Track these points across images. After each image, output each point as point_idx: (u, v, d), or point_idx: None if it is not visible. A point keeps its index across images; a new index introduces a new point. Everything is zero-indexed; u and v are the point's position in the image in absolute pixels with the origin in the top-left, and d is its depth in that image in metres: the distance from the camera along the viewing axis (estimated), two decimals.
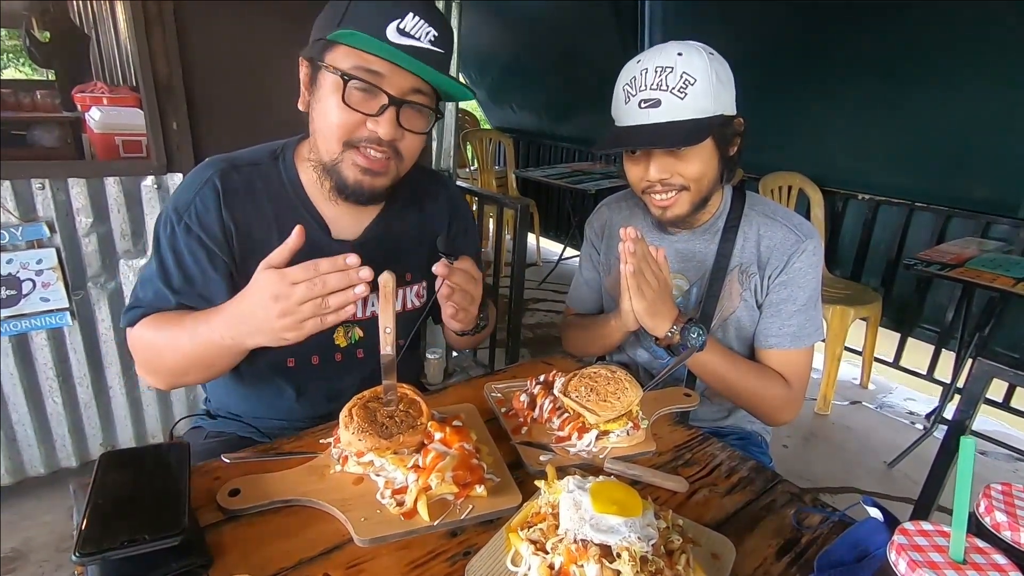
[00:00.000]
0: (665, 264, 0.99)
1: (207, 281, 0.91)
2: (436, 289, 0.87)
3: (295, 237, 0.74)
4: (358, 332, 1.04)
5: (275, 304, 0.72)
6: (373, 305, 1.03)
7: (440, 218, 1.11)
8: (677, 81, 0.96)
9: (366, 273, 0.72)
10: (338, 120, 0.84)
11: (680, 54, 0.96)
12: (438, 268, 0.83)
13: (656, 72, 0.97)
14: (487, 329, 1.07)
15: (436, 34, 0.84)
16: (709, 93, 0.96)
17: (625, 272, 0.95)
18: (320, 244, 0.94)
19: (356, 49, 0.82)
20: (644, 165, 1.04)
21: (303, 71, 0.90)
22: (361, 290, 0.72)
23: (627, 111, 1.01)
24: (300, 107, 0.92)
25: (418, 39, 0.82)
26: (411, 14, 0.81)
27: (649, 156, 1.03)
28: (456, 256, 0.87)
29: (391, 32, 0.81)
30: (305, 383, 1.03)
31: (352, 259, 0.72)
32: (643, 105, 0.98)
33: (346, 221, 0.99)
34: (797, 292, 1.08)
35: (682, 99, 0.96)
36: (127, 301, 0.95)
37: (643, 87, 0.98)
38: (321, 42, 0.85)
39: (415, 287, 1.08)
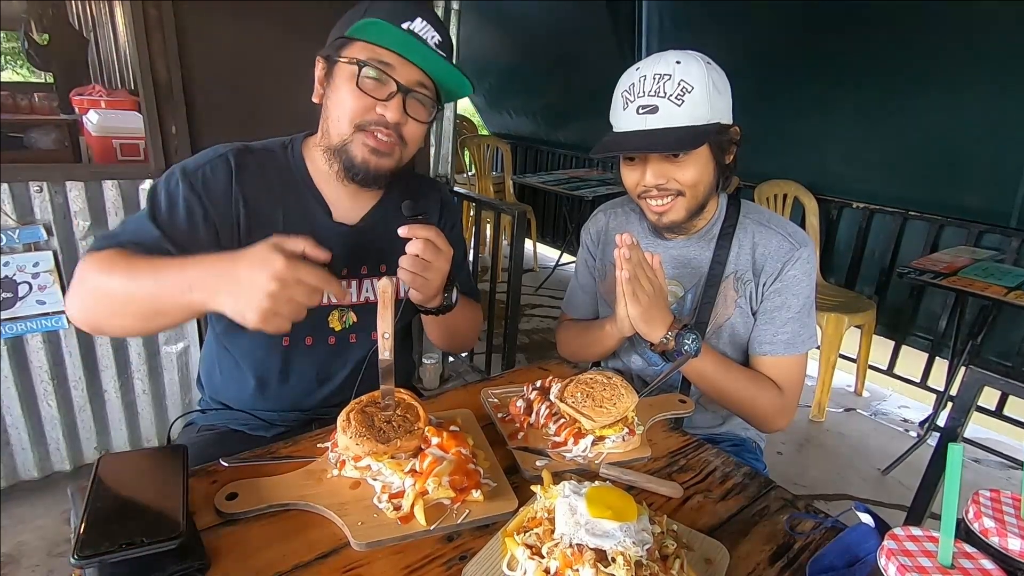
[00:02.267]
0: (660, 270, 1.00)
1: (192, 232, 0.91)
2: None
3: (323, 254, 0.75)
4: (352, 317, 1.06)
5: (270, 284, 0.69)
6: (367, 291, 1.07)
7: (432, 215, 1.16)
8: (675, 88, 0.97)
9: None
10: (351, 104, 0.92)
11: (678, 62, 0.98)
12: (402, 230, 0.87)
13: (654, 79, 0.98)
14: (459, 318, 1.08)
15: (440, 39, 0.93)
16: (706, 101, 0.98)
17: (620, 278, 0.96)
18: (322, 224, 1.01)
19: (371, 44, 0.90)
20: (641, 170, 1.05)
21: (319, 68, 0.97)
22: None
23: (625, 117, 1.03)
24: (315, 100, 0.99)
25: (425, 41, 0.90)
26: (419, 19, 0.91)
27: (646, 161, 1.04)
28: (423, 221, 0.91)
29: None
30: (297, 364, 1.05)
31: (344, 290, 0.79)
32: (641, 111, 1.00)
33: (347, 206, 1.04)
34: (791, 299, 1.09)
35: (679, 106, 0.97)
36: None
37: (641, 93, 1.00)
38: (339, 40, 0.93)
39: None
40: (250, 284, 0.70)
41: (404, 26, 0.88)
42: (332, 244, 1.00)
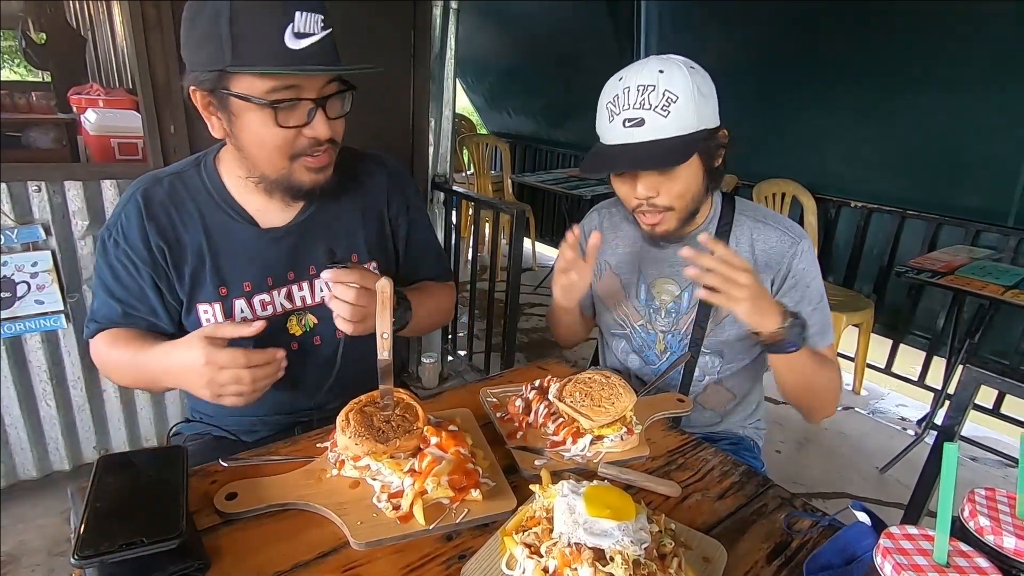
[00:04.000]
0: (737, 259, 0.91)
1: (141, 288, 0.97)
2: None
3: (248, 330, 0.84)
4: (311, 319, 1.04)
5: (202, 378, 0.81)
6: (322, 290, 1.02)
7: (379, 194, 1.11)
8: (660, 100, 0.96)
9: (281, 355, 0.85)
10: (278, 142, 0.87)
11: (661, 71, 0.96)
12: (325, 274, 0.87)
13: (638, 91, 0.97)
14: (422, 318, 1.05)
15: (321, 16, 0.83)
16: (692, 109, 0.97)
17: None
18: (249, 236, 0.99)
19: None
20: (632, 183, 1.05)
21: (200, 100, 0.87)
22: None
23: (611, 129, 1.02)
24: (216, 135, 0.92)
25: (313, 33, 0.82)
26: (297, 12, 0.80)
27: (636, 174, 1.04)
28: (345, 264, 0.89)
29: (290, 40, 0.80)
30: None
31: (280, 354, 0.85)
32: (627, 124, 0.99)
33: (274, 212, 1.00)
34: (808, 292, 1.09)
35: (665, 117, 0.96)
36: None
37: (626, 106, 0.98)
38: (216, 74, 0.82)
39: (367, 266, 1.08)
40: (193, 380, 0.83)
41: (289, 31, 0.79)
42: (267, 252, 0.99)
